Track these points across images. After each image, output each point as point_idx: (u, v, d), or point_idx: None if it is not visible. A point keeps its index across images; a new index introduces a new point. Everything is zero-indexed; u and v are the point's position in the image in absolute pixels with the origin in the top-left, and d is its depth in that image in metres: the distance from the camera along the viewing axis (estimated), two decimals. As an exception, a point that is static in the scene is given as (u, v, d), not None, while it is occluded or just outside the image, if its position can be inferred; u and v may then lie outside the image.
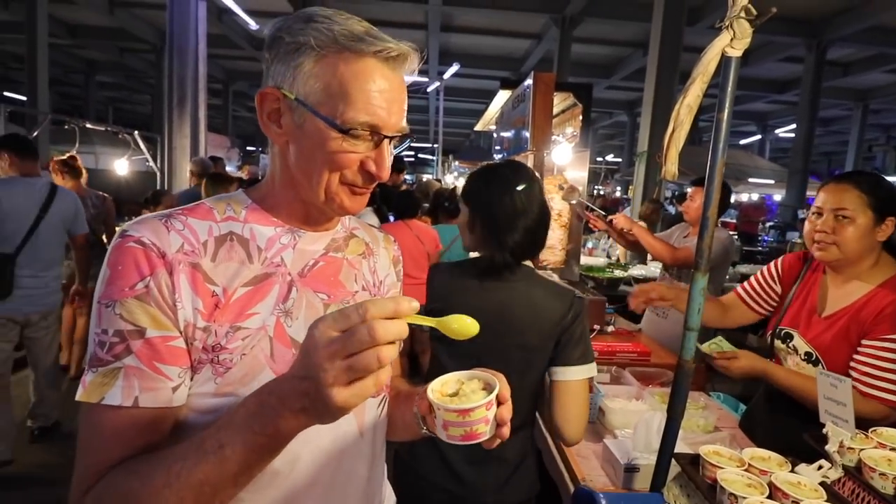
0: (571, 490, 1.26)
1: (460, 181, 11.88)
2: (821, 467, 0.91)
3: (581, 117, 2.47)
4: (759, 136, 18.14)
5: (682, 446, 1.18)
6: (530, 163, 2.10)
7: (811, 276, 1.48)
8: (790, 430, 1.24)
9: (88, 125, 5.62)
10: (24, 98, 9.04)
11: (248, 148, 19.32)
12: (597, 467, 1.32)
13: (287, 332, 0.64)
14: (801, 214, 10.15)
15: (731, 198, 3.65)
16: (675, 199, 7.45)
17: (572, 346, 1.14)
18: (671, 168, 0.74)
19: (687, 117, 0.70)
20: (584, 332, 1.16)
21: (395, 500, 0.89)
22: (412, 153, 22.61)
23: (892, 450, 0.94)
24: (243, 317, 0.61)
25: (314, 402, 0.48)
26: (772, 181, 10.21)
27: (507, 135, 2.60)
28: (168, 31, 5.24)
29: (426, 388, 0.61)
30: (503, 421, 0.59)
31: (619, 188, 15.15)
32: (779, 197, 11.48)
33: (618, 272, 4.01)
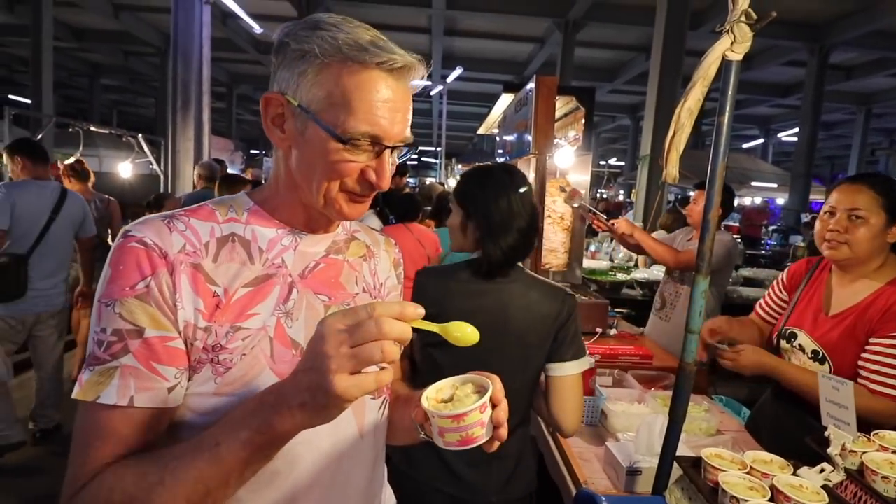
0: (573, 493, 1.26)
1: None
2: (823, 470, 0.91)
3: (583, 121, 2.48)
4: (762, 140, 18.10)
5: (684, 449, 1.17)
6: (532, 166, 2.11)
7: (817, 277, 1.49)
8: (797, 430, 1.24)
9: (92, 128, 5.64)
10: (28, 101, 9.07)
11: (252, 151, 19.38)
12: (599, 470, 1.32)
13: (287, 333, 0.64)
14: (805, 218, 10.13)
15: (735, 201, 3.65)
16: (679, 203, 7.44)
17: (567, 343, 1.18)
18: (672, 171, 0.74)
19: (688, 120, 0.70)
20: (577, 329, 1.21)
21: (395, 502, 0.89)
22: (415, 156, 22.69)
23: (895, 453, 0.94)
24: (244, 317, 0.62)
25: (314, 394, 0.48)
26: (775, 185, 10.19)
27: (510, 138, 2.61)
28: (172, 35, 5.27)
29: (422, 392, 0.61)
30: (499, 423, 0.59)
31: (622, 192, 15.15)
32: (782, 201, 11.46)
33: (620, 275, 4.00)
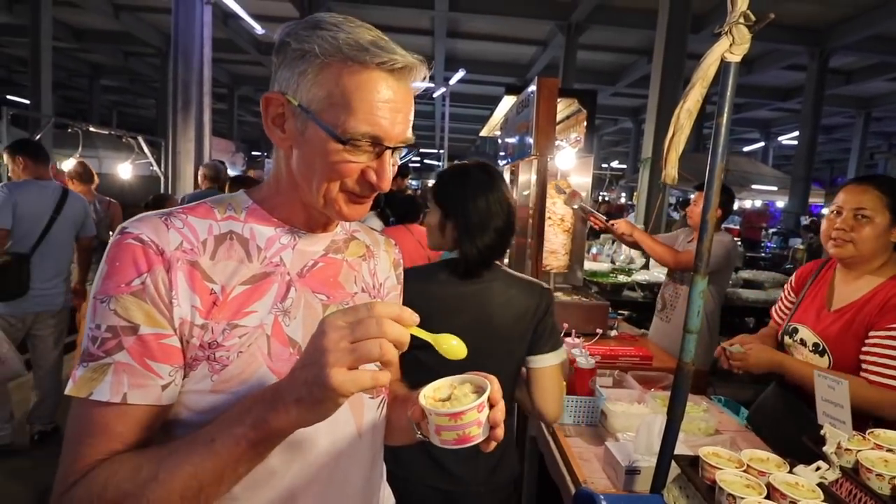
0: (573, 492, 1.27)
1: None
2: (819, 468, 0.92)
3: (585, 123, 2.49)
4: (762, 143, 18.12)
5: (683, 449, 1.18)
6: (534, 167, 2.12)
7: (823, 276, 1.53)
8: (797, 422, 1.26)
9: (92, 129, 5.64)
10: (27, 102, 9.06)
11: (254, 153, 19.39)
12: (598, 470, 1.33)
13: (285, 331, 0.64)
14: (804, 221, 10.14)
15: (735, 204, 3.67)
16: (679, 205, 7.46)
17: (546, 336, 1.23)
18: (671, 172, 0.75)
19: (687, 122, 0.71)
20: (554, 322, 1.26)
21: (394, 502, 0.89)
22: (418, 158, 22.74)
23: (889, 451, 0.95)
24: (241, 315, 0.61)
25: (311, 388, 0.49)
26: (775, 188, 10.20)
27: (512, 140, 2.61)
28: (173, 35, 5.28)
29: (419, 391, 0.61)
30: (496, 423, 0.60)
31: (623, 194, 15.16)
32: (782, 203, 11.46)
33: (622, 277, 4.01)
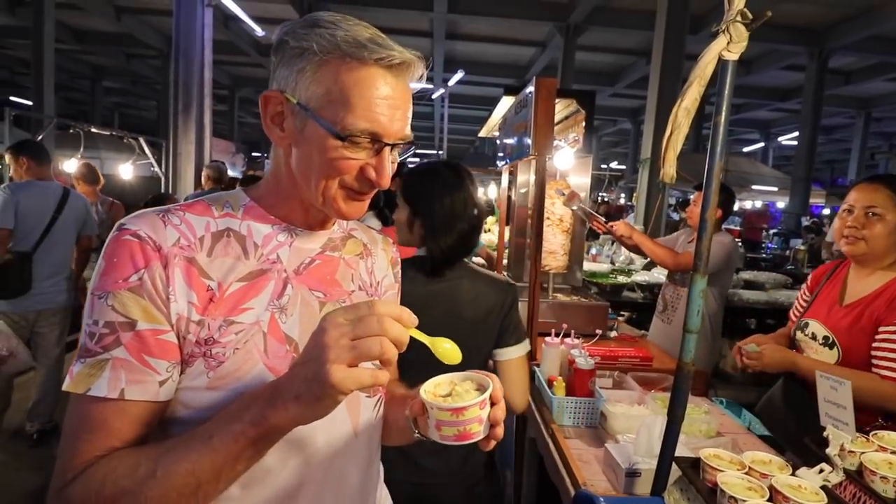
0: (572, 494, 1.26)
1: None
2: (822, 470, 0.91)
3: (584, 123, 2.48)
4: (762, 144, 18.13)
5: (684, 451, 1.17)
6: (532, 167, 2.11)
7: (837, 274, 1.57)
8: (806, 420, 1.27)
9: (93, 129, 5.66)
10: (29, 103, 9.09)
11: (254, 154, 19.43)
12: (598, 472, 1.32)
13: (281, 328, 0.64)
14: (805, 222, 10.13)
15: (735, 205, 3.67)
16: (679, 206, 7.45)
17: (511, 329, 1.28)
18: (670, 171, 0.74)
19: (685, 120, 0.71)
20: (519, 316, 1.32)
21: (391, 503, 0.89)
22: (417, 159, 22.74)
23: (893, 453, 0.94)
24: (237, 311, 0.62)
25: (310, 385, 0.49)
26: (775, 188, 10.20)
27: (510, 141, 2.61)
28: (174, 37, 5.30)
29: (418, 389, 0.62)
30: (497, 421, 0.60)
31: (623, 195, 15.17)
32: (782, 204, 11.46)
33: (621, 278, 4.00)
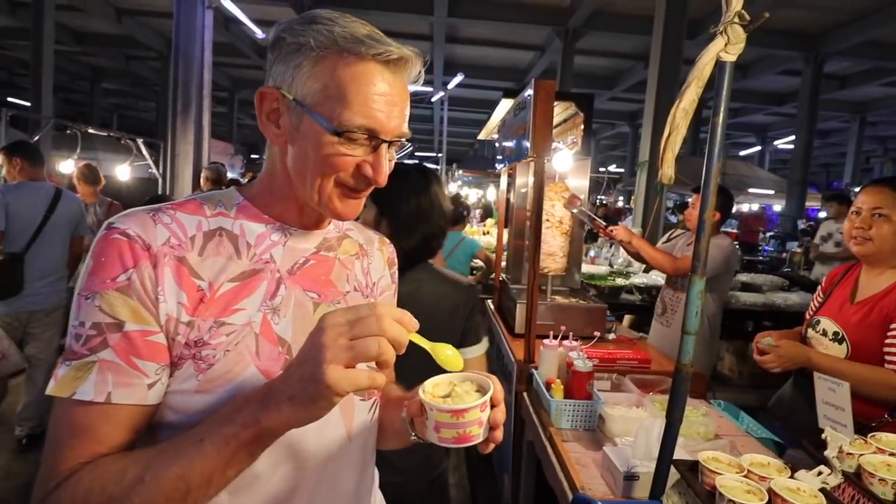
0: (570, 498, 1.25)
1: (464, 190, 12.01)
2: (820, 473, 0.91)
3: (582, 126, 2.49)
4: (758, 148, 18.23)
5: (682, 454, 1.17)
6: (531, 169, 2.11)
7: (851, 274, 1.61)
8: (815, 416, 1.28)
9: (91, 130, 5.65)
10: (27, 104, 9.06)
11: (253, 156, 19.42)
12: (596, 476, 1.31)
13: (274, 330, 0.62)
14: (801, 224, 10.17)
15: (733, 206, 3.68)
16: (676, 209, 7.47)
17: (473, 330, 1.31)
18: (668, 171, 0.74)
19: (683, 121, 0.71)
20: (479, 318, 1.37)
21: None
22: (417, 162, 22.70)
23: (892, 455, 0.94)
24: (228, 312, 0.60)
25: (305, 385, 0.48)
26: (772, 191, 10.24)
27: (509, 143, 2.61)
28: (174, 38, 5.29)
29: (416, 390, 0.60)
30: (496, 424, 0.58)
31: (621, 198, 15.21)
32: (779, 207, 11.51)
33: (619, 280, 4.00)
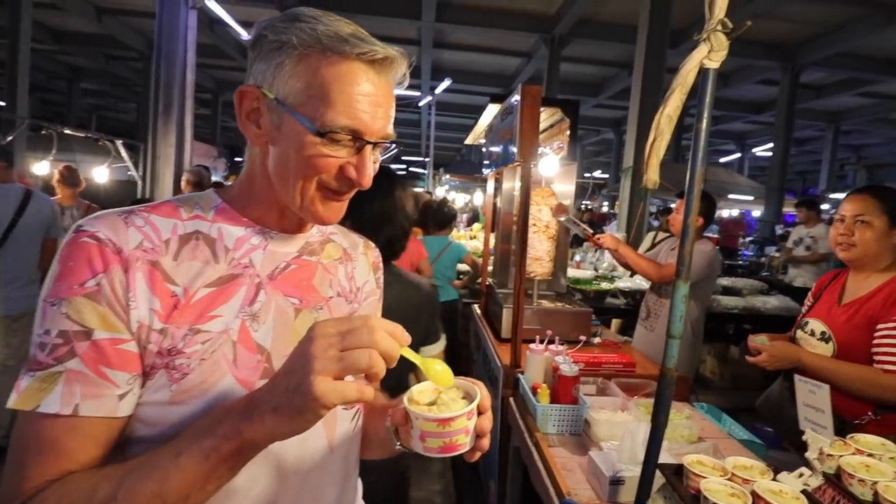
0: None
1: (451, 194, 12.05)
2: (802, 475, 0.92)
3: (568, 132, 2.51)
4: (738, 155, 18.66)
5: (666, 457, 1.17)
6: (517, 174, 2.12)
7: (839, 279, 1.67)
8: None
9: (67, 131, 5.50)
10: (2, 104, 8.80)
11: (237, 159, 19.13)
12: (582, 481, 1.31)
13: (252, 337, 0.60)
14: (779, 230, 10.43)
15: (716, 212, 3.75)
16: (660, 214, 7.59)
17: (433, 329, 1.37)
18: (653, 176, 0.75)
19: (667, 127, 0.72)
20: (439, 317, 1.43)
21: None
22: (404, 166, 22.68)
23: (870, 456, 0.96)
24: (204, 319, 0.57)
25: (292, 396, 0.46)
26: (751, 197, 10.47)
27: (496, 148, 2.63)
28: (156, 39, 5.19)
29: (401, 397, 0.58)
30: (483, 432, 0.57)
31: (606, 203, 15.41)
32: (757, 213, 11.79)
33: (605, 284, 4.04)
